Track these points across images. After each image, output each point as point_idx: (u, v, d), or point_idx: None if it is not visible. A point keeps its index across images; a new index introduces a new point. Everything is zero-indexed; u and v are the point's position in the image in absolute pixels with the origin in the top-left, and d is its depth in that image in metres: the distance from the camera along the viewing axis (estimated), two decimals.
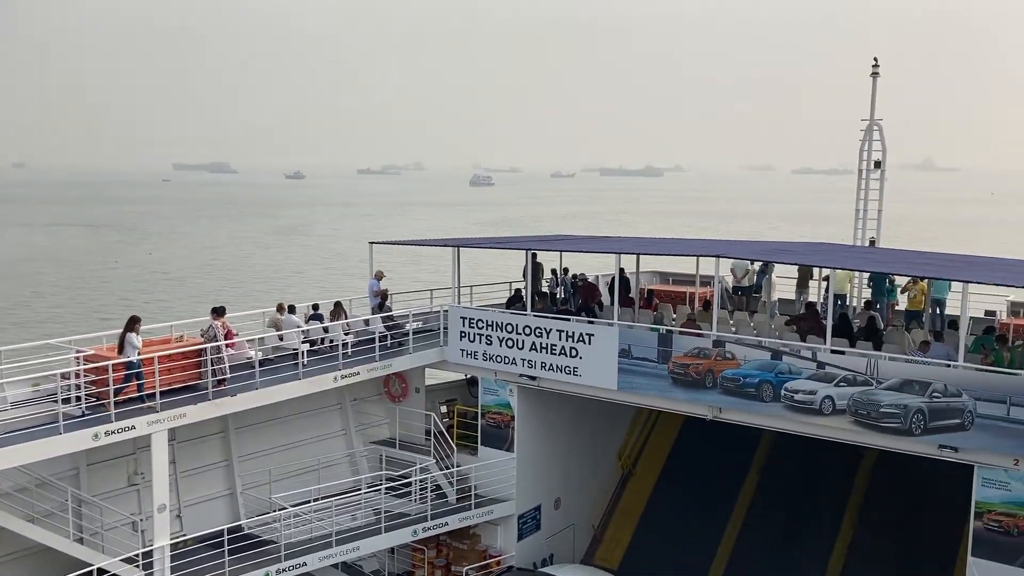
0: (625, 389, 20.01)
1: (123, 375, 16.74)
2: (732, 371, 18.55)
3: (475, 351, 22.09)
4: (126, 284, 78.39)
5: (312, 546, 18.70)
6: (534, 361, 21.17)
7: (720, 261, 20.03)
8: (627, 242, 28.83)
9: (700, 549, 23.34)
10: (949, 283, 21.36)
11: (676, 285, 28.29)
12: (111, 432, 15.88)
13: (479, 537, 22.29)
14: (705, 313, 21.34)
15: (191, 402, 17.29)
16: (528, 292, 22.62)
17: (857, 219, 25.98)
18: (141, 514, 18.25)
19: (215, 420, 19.22)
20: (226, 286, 75.29)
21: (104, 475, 18.35)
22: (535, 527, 22.68)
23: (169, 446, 17.48)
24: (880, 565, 21.70)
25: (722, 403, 18.79)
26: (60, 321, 60.52)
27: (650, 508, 24.97)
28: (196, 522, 19.41)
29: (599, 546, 24.42)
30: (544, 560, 22.77)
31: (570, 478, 23.63)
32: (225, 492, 20.61)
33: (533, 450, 22.28)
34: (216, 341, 18.04)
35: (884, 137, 25.83)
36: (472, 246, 25.64)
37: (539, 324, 21.14)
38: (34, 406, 16.57)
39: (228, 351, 18.29)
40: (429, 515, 20.63)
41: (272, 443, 21.32)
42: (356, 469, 22.81)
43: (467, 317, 22.23)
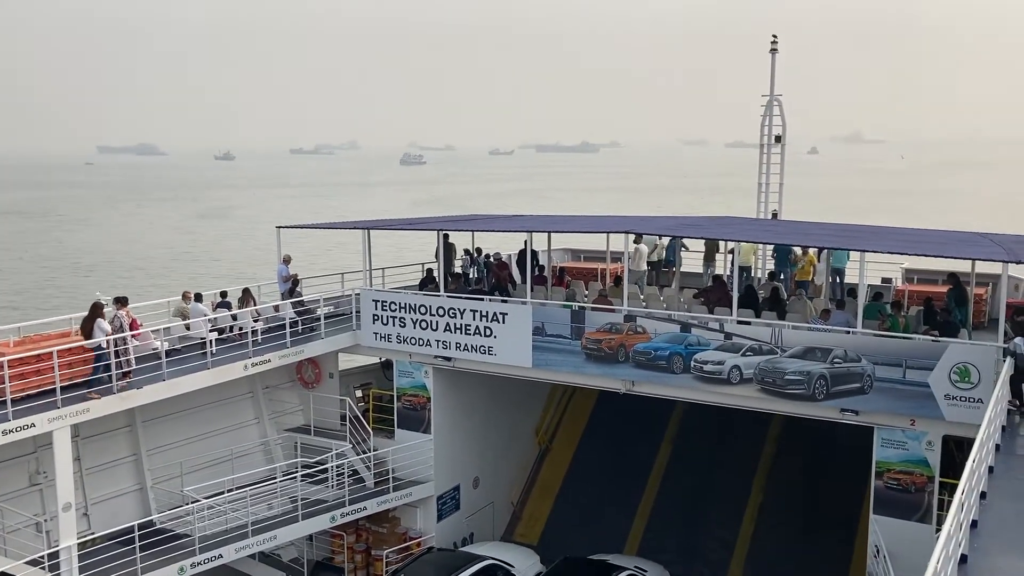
0: (540, 366, 20.19)
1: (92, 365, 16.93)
2: (643, 345, 18.92)
3: (389, 334, 21.94)
4: (31, 274, 75.07)
5: (228, 537, 18.36)
6: (448, 342, 21.16)
7: (628, 237, 20.35)
8: (537, 220, 29.00)
9: (617, 520, 23.82)
10: (848, 252, 22.17)
11: (587, 262, 28.61)
12: (9, 431, 15.23)
13: (398, 520, 22.26)
14: (616, 288, 21.66)
15: (93, 396, 16.70)
16: (440, 273, 22.55)
17: (760, 192, 26.72)
18: (45, 514, 17.60)
19: (121, 414, 18.59)
20: (138, 274, 72.61)
21: (3, 476, 17.58)
22: (454, 507, 22.76)
23: (72, 443, 16.85)
24: (789, 527, 22.54)
25: (635, 376, 19.16)
26: None
27: (567, 483, 25.34)
28: (105, 520, 18.80)
29: (519, 522, 24.68)
30: (464, 539, 22.90)
31: (488, 457, 23.77)
32: (134, 487, 20.01)
33: (450, 431, 22.32)
34: (122, 332, 17.41)
35: (784, 112, 26.59)
36: (382, 228, 25.43)
37: (452, 305, 21.11)
38: None
39: (133, 342, 17.68)
40: (347, 500, 20.48)
41: (183, 435, 20.77)
42: (271, 458, 22.44)
43: (380, 300, 22.05)
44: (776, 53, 26.78)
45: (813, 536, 22.07)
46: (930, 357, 16.47)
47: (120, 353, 17.31)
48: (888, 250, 18.66)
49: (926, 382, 16.46)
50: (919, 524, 17.04)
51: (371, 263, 23.00)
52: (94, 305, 17.61)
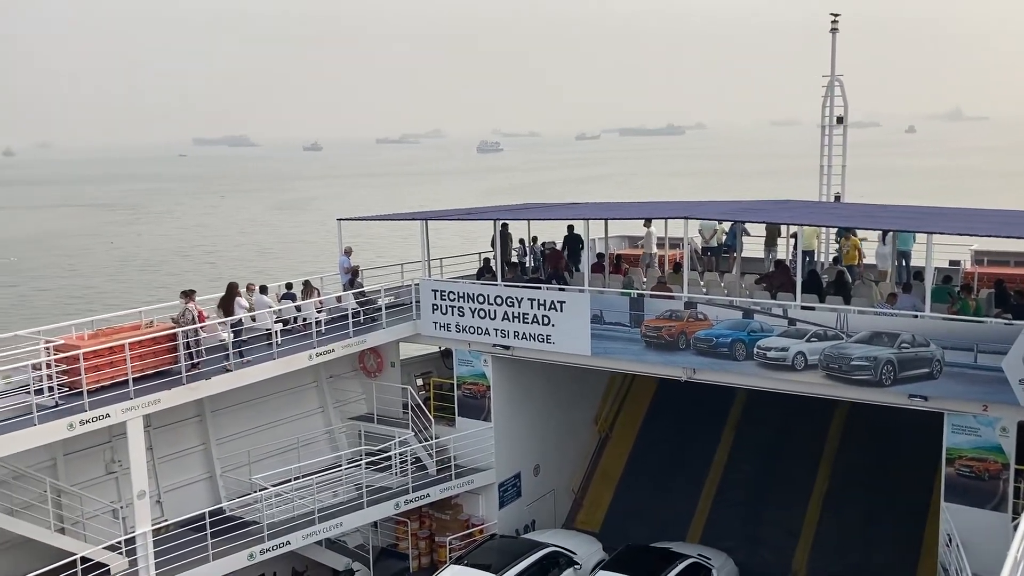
0: (599, 354, 20.15)
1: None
2: (705, 332, 18.74)
3: (448, 323, 22.11)
4: (107, 267, 77.29)
5: (295, 524, 18.76)
6: (507, 331, 21.23)
7: (688, 222, 20.17)
8: (594, 207, 28.87)
9: (679, 507, 23.69)
10: (914, 235, 21.67)
11: (638, 249, 28.40)
12: (86, 421, 15.75)
13: (461, 507, 22.46)
14: (675, 275, 21.49)
15: (165, 387, 17.17)
16: (498, 262, 22.64)
17: (822, 175, 26.23)
18: (121, 501, 18.16)
19: (191, 404, 19.10)
20: (210, 267, 74.38)
21: (82, 464, 18.20)
22: (516, 494, 22.89)
23: (145, 432, 17.36)
24: (856, 515, 22.17)
25: (696, 364, 18.99)
26: (33, 307, 59.85)
27: (628, 470, 25.28)
28: (177, 507, 19.35)
29: (580, 510, 24.71)
30: (526, 526, 23.02)
31: (548, 445, 23.82)
32: (204, 476, 20.53)
33: (510, 419, 22.43)
34: (192, 324, 17.83)
35: (845, 92, 26.04)
36: (440, 219, 25.56)
37: (510, 294, 21.17)
38: (6, 398, 16.38)
39: (202, 334, 18.13)
40: (410, 487, 20.74)
41: (250, 424, 21.24)
42: (335, 446, 22.83)
43: (438, 290, 22.22)
44: (836, 32, 26.22)
45: (881, 524, 21.69)
46: (1003, 341, 16.00)
47: (192, 345, 17.74)
48: (955, 231, 18.18)
49: (999, 366, 16.00)
50: (994, 512, 16.62)
51: (429, 253, 23.18)
52: (231, 285, 19.33)
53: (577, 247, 24.72)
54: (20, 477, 16.66)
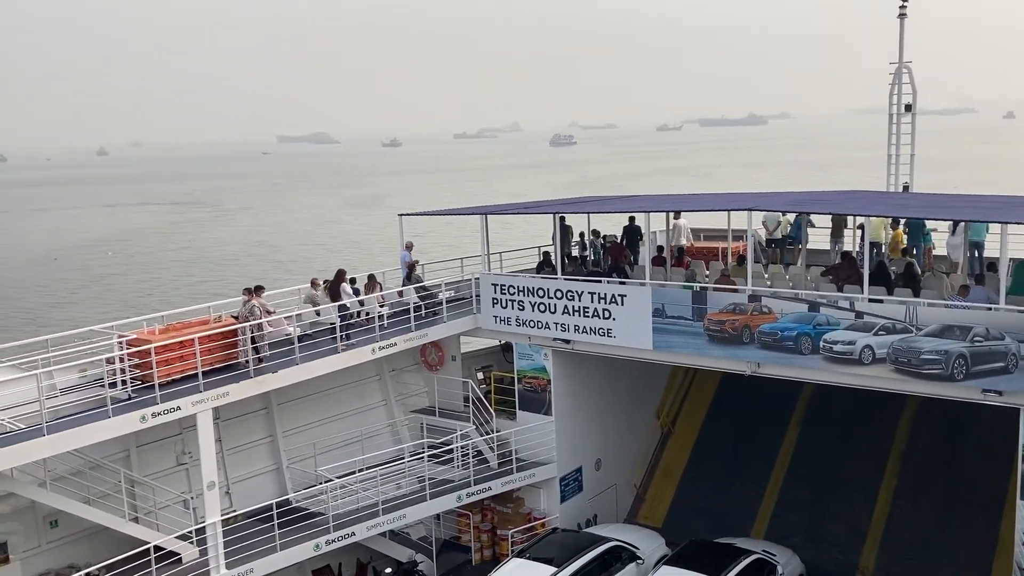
0: (661, 348, 19.99)
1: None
2: (769, 325, 18.45)
3: (508, 317, 22.16)
4: (180, 262, 79.77)
5: (359, 516, 19.02)
6: (567, 324, 21.19)
7: (752, 214, 19.87)
8: (654, 200, 28.62)
9: (743, 503, 23.42)
10: (987, 225, 21.02)
11: (707, 241, 28.09)
12: (157, 414, 16.18)
13: (523, 500, 22.53)
14: (739, 268, 21.20)
15: (233, 380, 17.54)
16: (557, 256, 22.60)
17: (889, 164, 25.62)
18: (191, 492, 18.63)
19: (258, 397, 19.48)
20: (276, 264, 75.93)
21: (154, 456, 18.73)
22: (577, 488, 22.87)
23: (214, 424, 17.77)
24: (926, 512, 21.66)
25: (760, 358, 18.71)
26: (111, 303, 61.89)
27: (691, 466, 25.06)
28: (245, 498, 19.77)
29: (642, 505, 24.58)
30: (588, 520, 22.99)
31: (609, 439, 23.74)
32: (271, 467, 20.94)
33: (571, 413, 22.40)
34: (258, 319, 18.18)
35: (914, 79, 25.36)
36: (499, 212, 25.62)
37: (570, 287, 21.13)
38: (82, 391, 16.92)
39: (267, 328, 18.48)
40: (472, 480, 20.87)
41: (315, 417, 21.59)
42: (398, 438, 23.08)
43: (498, 284, 22.27)
44: (905, 18, 25.54)
45: (953, 522, 21.15)
46: None
47: (256, 340, 18.11)
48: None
49: None
50: None
51: (489, 247, 23.25)
52: (339, 272, 20.64)
53: (635, 239, 24.53)
54: (96, 468, 17.20)
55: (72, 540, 17.31)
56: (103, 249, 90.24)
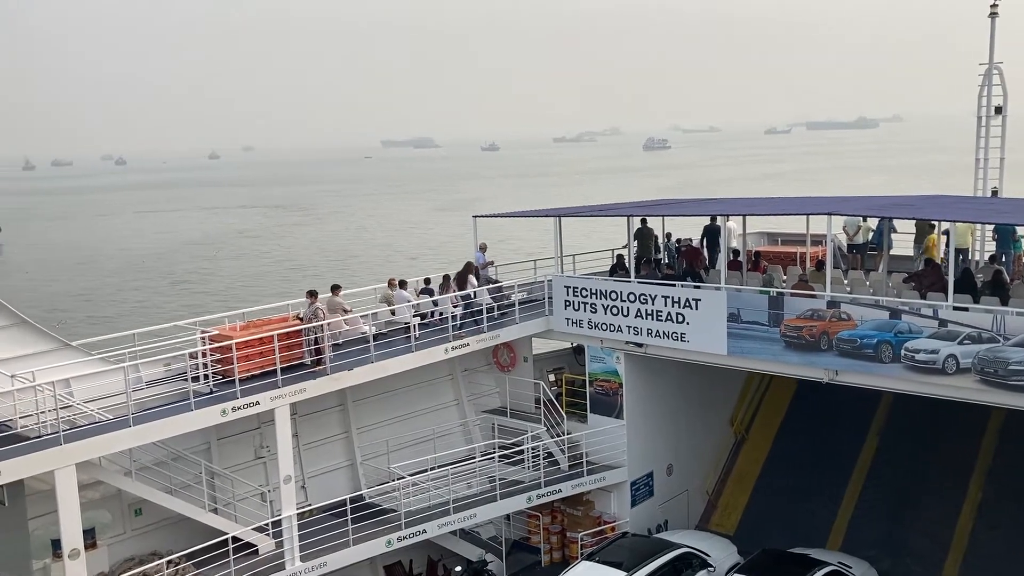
0: (736, 354, 19.71)
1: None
2: (848, 332, 18.03)
3: (580, 319, 22.12)
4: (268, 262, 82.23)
5: (431, 514, 19.23)
6: (640, 328, 21.06)
7: (832, 219, 19.45)
8: (731, 203, 28.23)
9: (819, 514, 22.92)
10: None
11: (785, 246, 27.59)
12: (237, 408, 16.63)
13: (593, 503, 22.46)
14: (818, 273, 20.76)
15: (310, 377, 17.92)
16: (630, 258, 22.46)
17: (977, 168, 24.78)
18: (268, 485, 19.10)
19: (334, 394, 19.87)
20: (360, 264, 77.54)
21: (233, 449, 19.25)
22: (648, 493, 22.70)
23: (291, 420, 18.16)
24: (1015, 527, 20.85)
25: (838, 365, 18.30)
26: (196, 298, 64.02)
27: (765, 473, 24.64)
28: (320, 492, 20.19)
29: (714, 512, 24.26)
30: (658, 526, 22.79)
31: (681, 444, 23.50)
32: (345, 463, 21.33)
33: (643, 417, 22.24)
34: (320, 320, 18.35)
35: (1005, 81, 24.48)
36: (573, 215, 25.61)
37: (644, 290, 20.99)
38: (166, 385, 17.50)
39: (344, 327, 18.81)
40: (542, 482, 20.89)
41: (388, 415, 21.91)
42: (469, 438, 23.26)
43: (571, 286, 22.26)
44: (996, 17, 24.66)
45: None
46: None
47: (319, 340, 18.36)
48: None
49: None
50: None
51: (562, 249, 23.26)
52: (468, 264, 22.08)
53: (716, 239, 24.18)
54: (178, 459, 17.78)
55: (155, 528, 17.91)
56: (195, 250, 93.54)
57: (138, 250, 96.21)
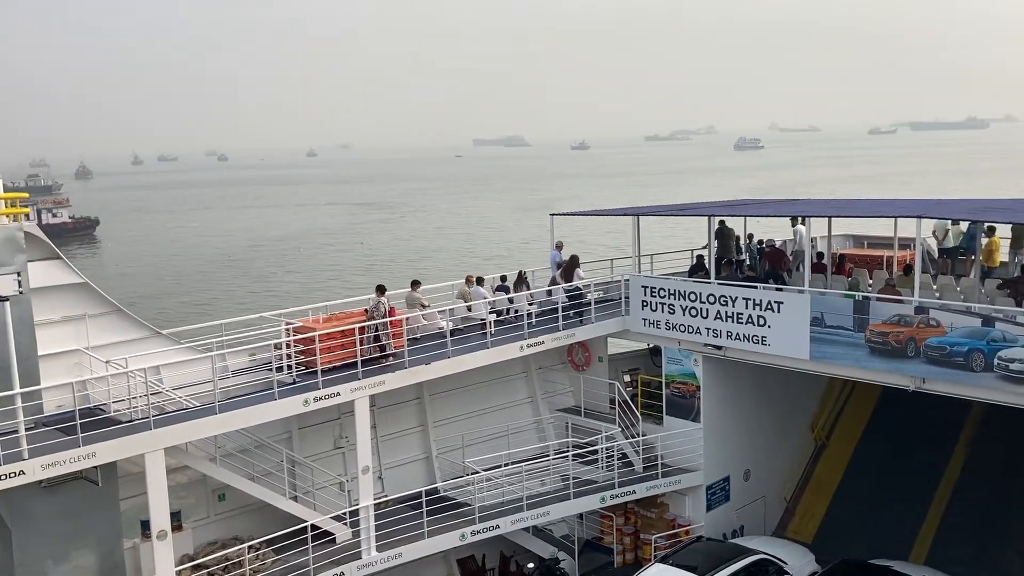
0: (818, 359, 19.26)
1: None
2: (937, 339, 17.45)
3: (657, 320, 21.93)
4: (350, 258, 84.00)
5: (504, 509, 19.32)
6: (719, 330, 20.77)
7: (922, 222, 18.86)
8: (815, 204, 27.63)
9: (902, 525, 22.27)
10: None
11: (871, 249, 26.86)
12: (319, 398, 16.98)
13: (667, 506, 22.25)
14: (905, 278, 20.16)
15: (389, 370, 18.19)
16: (711, 259, 22.17)
17: None
18: (347, 475, 19.46)
19: (411, 387, 20.12)
20: (432, 261, 78.39)
21: (313, 438, 19.67)
22: (724, 498, 22.37)
23: (370, 412, 18.46)
24: None
25: (926, 373, 17.74)
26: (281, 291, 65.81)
27: (846, 481, 24.06)
28: (396, 484, 20.48)
29: (792, 519, 23.79)
30: (734, 531, 22.45)
31: (759, 449, 23.09)
32: (421, 456, 21.58)
33: (720, 420, 21.93)
34: (383, 317, 18.46)
35: None
36: (652, 214, 25.41)
37: (724, 292, 20.68)
38: (251, 374, 17.99)
39: (422, 322, 19.01)
40: (616, 483, 20.80)
41: (463, 409, 22.09)
42: (543, 436, 23.28)
43: (648, 286, 22.07)
44: None
45: None
46: None
47: (382, 336, 18.48)
48: None
49: None
50: None
51: (640, 249, 23.08)
52: (573, 256, 22.73)
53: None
54: (261, 447, 18.25)
55: (237, 513, 18.42)
56: (279, 246, 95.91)
57: (227, 245, 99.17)
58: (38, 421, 15.23)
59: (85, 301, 17.18)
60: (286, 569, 16.71)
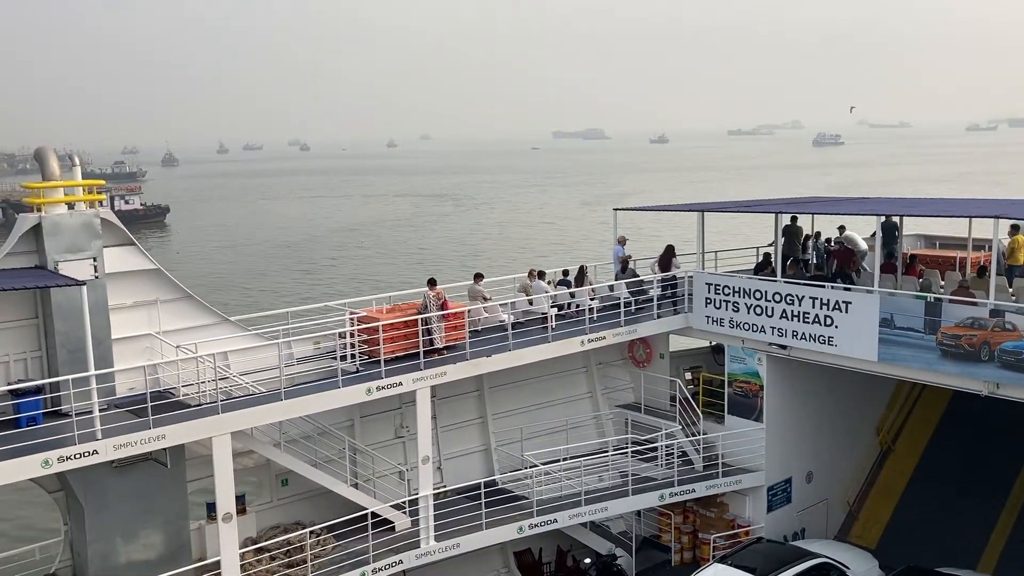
0: (886, 361, 18.82)
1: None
2: (1013, 343, 16.93)
3: (721, 318, 21.66)
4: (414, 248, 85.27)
5: (562, 503, 19.31)
6: (785, 329, 20.43)
7: (999, 223, 18.28)
8: (887, 203, 26.96)
9: (970, 533, 21.67)
10: None
11: (944, 249, 26.14)
12: (382, 388, 17.18)
13: (727, 506, 22.01)
14: (979, 280, 19.57)
15: (451, 361, 18.31)
16: (777, 257, 21.81)
17: None
18: (407, 464, 19.65)
19: (472, 379, 20.22)
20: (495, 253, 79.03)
21: (375, 427, 19.90)
22: (785, 500, 22.03)
23: (431, 402, 18.61)
24: None
25: (999, 378, 17.22)
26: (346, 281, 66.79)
27: (912, 487, 23.49)
28: (455, 475, 20.62)
29: (855, 523, 23.31)
30: (795, 533, 22.10)
31: (822, 452, 22.67)
32: (480, 448, 21.68)
33: (783, 421, 21.59)
34: (429, 311, 18.44)
35: None
36: (717, 210, 25.10)
37: (790, 291, 20.34)
38: (316, 362, 18.27)
39: (484, 315, 19.08)
40: (676, 480, 20.63)
41: (523, 403, 22.11)
42: (602, 431, 23.19)
43: (713, 283, 21.82)
44: None
45: None
46: None
47: (434, 330, 18.40)
48: None
49: None
50: None
51: (704, 245, 22.82)
52: (669, 247, 23.20)
53: (893, 236, 23.06)
54: (324, 434, 18.53)
55: (299, 499, 18.74)
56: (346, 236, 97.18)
57: (292, 234, 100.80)
58: (111, 403, 15.68)
59: (157, 287, 17.61)
60: (346, 555, 16.96)
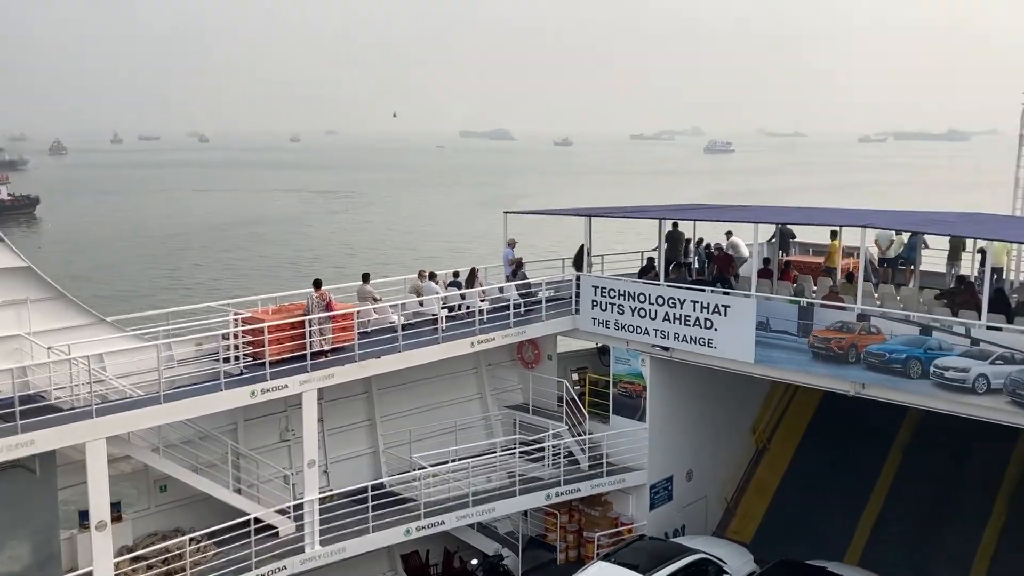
0: (762, 362, 19.66)
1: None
2: (877, 346, 17.94)
3: (607, 320, 22.15)
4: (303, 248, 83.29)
5: (450, 505, 19.34)
6: (667, 332, 21.06)
7: (866, 232, 19.34)
8: (764, 211, 28.12)
9: (838, 527, 22.81)
10: None
11: (816, 256, 27.41)
12: (266, 390, 16.81)
13: (611, 504, 22.50)
14: (848, 285, 20.66)
15: (338, 363, 18.08)
16: (660, 262, 22.45)
17: (1017, 187, 24.55)
18: (292, 468, 19.29)
19: (360, 381, 20.02)
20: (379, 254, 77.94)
21: (259, 431, 19.46)
22: (667, 497, 22.69)
23: (318, 405, 18.33)
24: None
25: (865, 379, 18.22)
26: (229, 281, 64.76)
27: (785, 484, 24.56)
28: (342, 478, 20.37)
29: (732, 519, 24.22)
30: (676, 530, 22.79)
31: (702, 450, 23.47)
32: (368, 450, 21.49)
33: (665, 421, 22.24)
34: (314, 313, 18.05)
35: None
36: (604, 215, 25.61)
37: (672, 294, 20.97)
38: (197, 364, 17.73)
39: (373, 316, 18.92)
40: (562, 480, 20.96)
41: (412, 404, 22.04)
42: (491, 432, 23.34)
43: (599, 286, 22.28)
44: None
45: None
46: None
47: (317, 332, 17.92)
48: None
49: None
50: None
51: (591, 249, 23.27)
52: (583, 246, 22.53)
53: (788, 242, 24.13)
54: (206, 438, 18.01)
55: (179, 505, 18.15)
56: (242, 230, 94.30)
57: (175, 229, 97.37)
58: None
59: (27, 285, 16.74)
60: (227, 562, 16.50)
